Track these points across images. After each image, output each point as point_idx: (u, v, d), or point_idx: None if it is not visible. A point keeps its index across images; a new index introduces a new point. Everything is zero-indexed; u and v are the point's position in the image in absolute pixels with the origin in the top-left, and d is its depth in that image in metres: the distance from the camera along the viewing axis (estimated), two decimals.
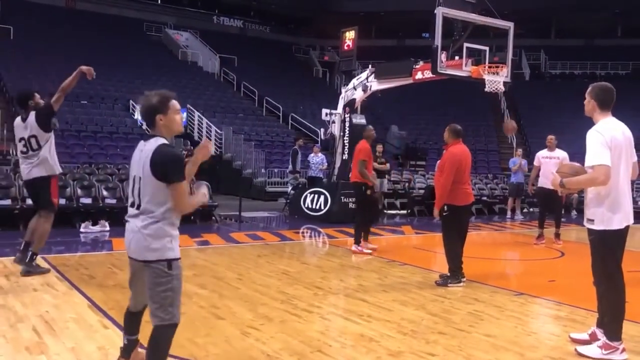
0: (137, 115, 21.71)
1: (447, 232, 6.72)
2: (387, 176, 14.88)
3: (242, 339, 4.46)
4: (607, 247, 4.32)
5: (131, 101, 22.25)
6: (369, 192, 8.73)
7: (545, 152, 10.39)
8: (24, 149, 6.52)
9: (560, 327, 5.03)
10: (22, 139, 6.53)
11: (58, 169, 6.77)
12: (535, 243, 10.31)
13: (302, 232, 11.06)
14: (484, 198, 16.12)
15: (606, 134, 4.22)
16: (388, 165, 14.99)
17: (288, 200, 14.47)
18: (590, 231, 4.37)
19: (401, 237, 11.24)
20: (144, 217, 3.25)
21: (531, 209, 16.96)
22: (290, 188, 15.26)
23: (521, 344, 4.57)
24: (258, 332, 4.62)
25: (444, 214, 6.59)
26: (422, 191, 15.52)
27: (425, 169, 20.68)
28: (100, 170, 12.96)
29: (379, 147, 15.33)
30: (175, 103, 3.35)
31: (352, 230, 11.19)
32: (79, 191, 10.74)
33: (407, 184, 16.50)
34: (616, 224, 4.26)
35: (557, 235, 10.30)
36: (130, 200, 3.37)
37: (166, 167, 3.17)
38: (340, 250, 9.07)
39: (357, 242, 8.73)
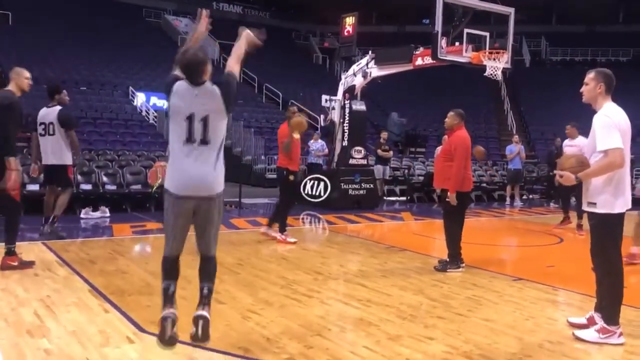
0: (137, 102, 21.68)
1: (451, 218, 6.72)
2: (389, 163, 14.89)
3: (242, 323, 4.49)
4: (609, 231, 4.31)
5: (130, 87, 22.19)
6: (291, 177, 8.22)
7: (567, 141, 10.09)
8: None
9: (558, 312, 5.07)
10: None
11: None
12: (556, 226, 10.57)
13: (302, 218, 11.08)
14: (484, 185, 16.14)
15: (614, 117, 4.22)
16: (391, 152, 15.01)
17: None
18: (591, 215, 4.36)
19: (400, 223, 11.27)
20: (214, 153, 3.58)
21: (530, 196, 17.00)
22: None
23: (519, 328, 4.60)
24: (258, 317, 4.66)
25: (447, 199, 6.59)
26: (421, 178, 15.54)
27: (424, 155, 20.67)
28: (100, 157, 12.96)
29: (384, 134, 15.32)
30: None
31: (351, 217, 11.27)
32: (80, 177, 10.74)
33: (406, 171, 16.52)
34: (618, 208, 4.26)
35: (580, 226, 9.92)
36: (183, 138, 3.55)
37: (232, 90, 3.69)
38: (340, 236, 9.10)
39: (282, 231, 8.22)
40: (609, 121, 4.19)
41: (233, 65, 3.83)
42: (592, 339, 4.31)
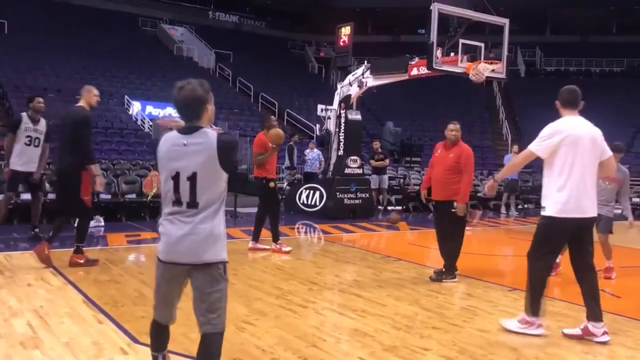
0: (132, 111, 21.67)
1: (461, 229, 6.71)
2: (386, 172, 14.87)
3: (236, 333, 4.47)
4: (551, 232, 4.65)
5: (126, 96, 22.19)
6: (271, 184, 8.11)
7: None
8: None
9: (554, 322, 5.06)
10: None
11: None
12: None
13: (298, 228, 11.06)
14: (479, 194, 16.15)
15: (558, 128, 4.59)
16: (387, 161, 14.99)
17: (283, 196, 14.46)
18: (541, 217, 4.72)
19: (396, 233, 11.25)
20: (210, 219, 3.03)
21: (526, 205, 17.02)
22: (285, 184, 15.26)
23: (515, 339, 4.59)
24: (253, 327, 4.63)
25: (453, 209, 6.55)
26: (417, 187, 15.53)
27: (420, 165, 20.69)
28: None
29: (376, 144, 15.33)
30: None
31: (346, 226, 11.25)
32: None
33: (402, 180, 16.53)
34: (563, 214, 4.52)
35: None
36: (170, 199, 3.05)
37: (233, 155, 3.14)
38: (336, 246, 9.08)
39: (275, 240, 8.17)
40: (546, 131, 4.62)
41: None
42: (513, 328, 4.69)
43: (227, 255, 3.13)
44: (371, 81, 12.89)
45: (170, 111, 22.32)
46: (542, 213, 4.67)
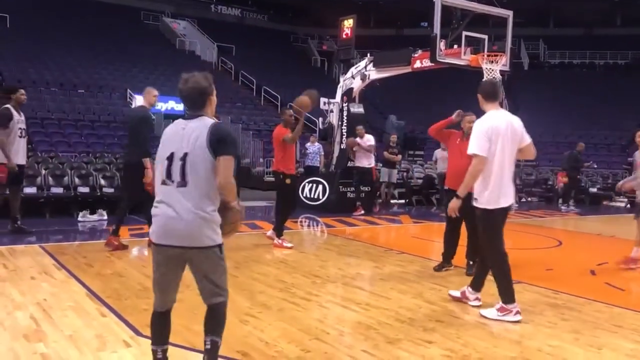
0: (135, 104, 21.64)
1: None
2: (397, 167, 14.79)
3: (240, 326, 4.47)
4: (492, 224, 4.91)
5: (129, 90, 22.16)
6: (288, 180, 7.97)
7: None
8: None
9: (557, 315, 5.05)
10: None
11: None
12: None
13: (301, 221, 11.06)
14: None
15: (486, 124, 4.84)
16: (399, 156, 14.90)
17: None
18: (476, 208, 4.95)
19: (399, 226, 11.25)
20: (199, 200, 3.07)
21: (529, 199, 16.99)
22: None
23: (518, 331, 4.59)
24: (256, 320, 4.63)
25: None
26: (420, 181, 15.52)
27: (423, 158, 20.66)
28: (98, 160, 12.92)
29: (393, 137, 15.21)
30: None
31: (350, 220, 11.25)
32: (77, 180, 10.73)
33: (405, 174, 16.50)
34: (496, 204, 4.82)
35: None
36: (162, 180, 3.14)
37: (225, 140, 3.11)
38: (339, 239, 9.08)
39: (279, 235, 8.12)
40: (480, 128, 4.84)
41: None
42: (492, 316, 4.87)
43: (226, 243, 3.23)
44: (374, 74, 12.86)
45: (173, 104, 22.31)
46: (476, 205, 4.91)
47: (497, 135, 4.81)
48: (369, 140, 12.32)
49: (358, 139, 12.28)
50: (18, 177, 8.25)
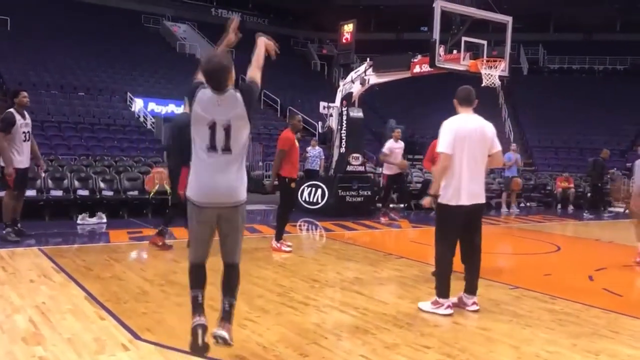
0: (135, 108, 21.68)
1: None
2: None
3: (238, 331, 4.46)
4: (445, 219, 5.18)
5: (128, 93, 22.21)
6: (292, 184, 8.08)
7: None
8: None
9: (555, 321, 5.06)
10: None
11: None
12: None
13: (299, 225, 11.06)
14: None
15: (453, 124, 5.10)
16: (406, 162, 14.85)
17: None
18: (437, 204, 5.20)
19: (398, 231, 11.26)
20: (236, 161, 3.63)
21: (528, 204, 17.00)
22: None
23: (516, 337, 4.60)
24: (254, 324, 4.64)
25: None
26: (419, 185, 15.51)
27: (422, 162, 20.66)
28: (98, 162, 12.94)
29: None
30: None
31: (349, 224, 11.26)
32: (76, 183, 10.73)
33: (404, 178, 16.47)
34: (452, 201, 5.04)
35: None
36: (205, 146, 3.60)
37: (250, 90, 3.77)
38: (337, 243, 9.08)
39: (278, 239, 8.13)
40: (445, 128, 5.10)
41: (254, 73, 3.88)
42: (426, 309, 5.16)
43: None
44: (373, 79, 12.89)
45: (173, 108, 22.34)
46: (438, 201, 5.15)
47: (462, 135, 5.03)
48: (400, 147, 12.34)
49: (391, 142, 12.27)
50: (23, 181, 8.20)
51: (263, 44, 4.03)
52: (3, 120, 7.82)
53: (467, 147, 5.03)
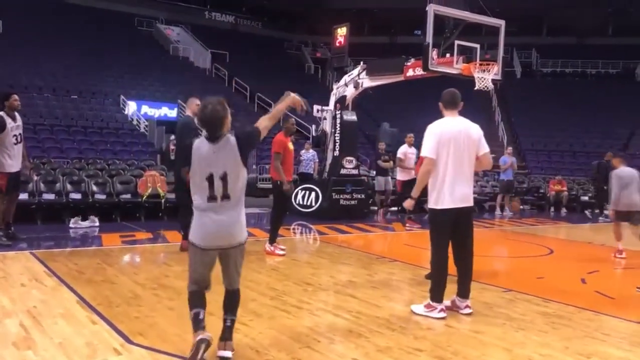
0: (128, 111, 21.62)
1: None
2: (390, 174, 14.79)
3: None
4: (435, 223, 5.21)
5: (122, 96, 22.13)
6: (285, 187, 7.99)
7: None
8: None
9: (548, 324, 5.07)
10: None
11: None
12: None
13: (293, 229, 11.05)
14: (474, 195, 16.14)
15: (437, 128, 5.14)
16: (391, 163, 14.92)
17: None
18: (427, 209, 5.25)
19: (391, 234, 11.27)
20: (238, 207, 3.83)
21: (521, 207, 17.05)
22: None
23: (509, 340, 4.60)
24: (247, 328, 4.62)
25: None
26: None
27: (416, 166, 20.69)
28: (90, 166, 12.89)
29: (382, 144, 15.25)
30: None
31: (342, 227, 11.25)
32: (69, 186, 10.68)
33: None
34: (440, 204, 5.07)
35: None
36: (205, 196, 3.77)
37: (247, 137, 3.91)
38: (331, 247, 9.08)
39: (272, 242, 8.18)
40: (429, 132, 5.14)
41: (264, 122, 3.99)
42: (420, 312, 5.16)
43: None
44: (367, 82, 12.90)
45: (166, 111, 22.30)
46: (427, 206, 5.20)
47: (446, 138, 5.06)
48: (413, 152, 12.38)
49: (404, 147, 12.41)
50: (16, 184, 8.17)
51: (291, 100, 4.21)
52: None
53: (452, 151, 5.05)
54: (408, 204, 5.41)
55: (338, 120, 13.10)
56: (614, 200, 8.42)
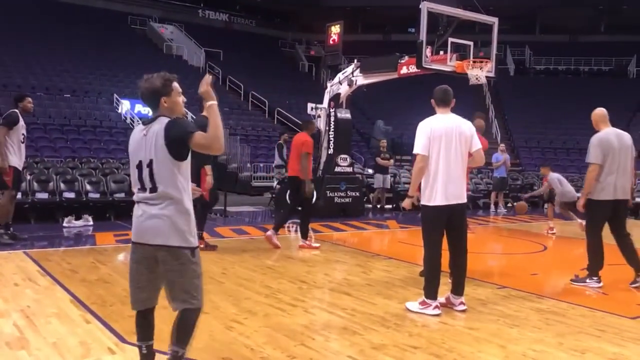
0: (121, 109, 21.56)
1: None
2: (388, 172, 14.81)
3: (225, 333, 4.45)
4: (427, 220, 5.20)
5: (115, 95, 22.06)
6: (310, 187, 8.33)
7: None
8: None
9: (542, 320, 5.08)
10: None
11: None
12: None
13: (288, 227, 11.03)
14: (469, 193, 16.17)
15: (428, 125, 5.14)
16: (391, 161, 14.92)
17: (274, 195, 14.45)
18: (420, 206, 5.24)
19: (386, 231, 11.28)
20: (172, 205, 3.19)
21: (515, 204, 17.08)
22: (275, 182, 15.24)
23: (503, 336, 4.61)
24: (242, 326, 4.62)
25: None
26: (407, 186, 15.54)
27: (410, 163, 20.72)
28: (84, 165, 12.85)
29: (383, 142, 15.27)
30: (177, 85, 3.34)
31: (337, 225, 11.25)
32: (62, 185, 10.64)
33: (392, 179, 16.52)
34: (432, 201, 5.08)
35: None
36: (137, 186, 3.29)
37: (182, 132, 3.13)
38: (326, 245, 9.07)
39: (305, 237, 8.52)
40: (420, 129, 5.15)
41: (216, 130, 3.25)
42: (414, 309, 5.16)
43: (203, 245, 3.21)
44: (361, 80, 12.90)
45: None
46: (421, 203, 5.20)
47: (437, 135, 5.06)
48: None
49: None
50: (18, 182, 8.32)
51: (205, 90, 3.34)
52: (8, 117, 8.06)
53: (443, 147, 5.06)
54: (406, 203, 5.39)
55: (332, 118, 13.10)
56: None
